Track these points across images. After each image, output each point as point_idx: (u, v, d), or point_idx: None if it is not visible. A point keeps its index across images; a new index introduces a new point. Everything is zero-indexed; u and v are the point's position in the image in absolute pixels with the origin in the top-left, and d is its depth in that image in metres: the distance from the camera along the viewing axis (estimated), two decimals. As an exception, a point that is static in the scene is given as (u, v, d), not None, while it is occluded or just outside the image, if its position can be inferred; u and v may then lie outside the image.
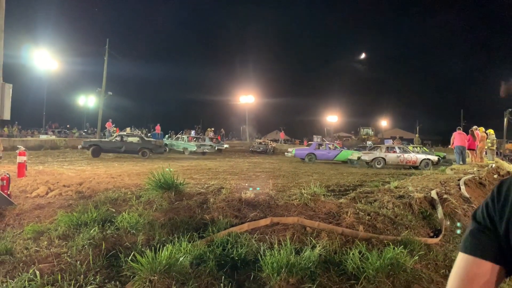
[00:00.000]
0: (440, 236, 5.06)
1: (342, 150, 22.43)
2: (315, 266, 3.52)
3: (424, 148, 22.75)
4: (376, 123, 58.32)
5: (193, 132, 37.05)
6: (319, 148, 22.14)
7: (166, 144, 28.25)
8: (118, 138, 19.47)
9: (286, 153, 23.80)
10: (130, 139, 19.73)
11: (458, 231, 5.45)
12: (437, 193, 6.47)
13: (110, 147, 18.91)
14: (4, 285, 3.10)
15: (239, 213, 4.67)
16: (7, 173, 5.74)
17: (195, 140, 27.57)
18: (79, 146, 19.43)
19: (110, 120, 34.21)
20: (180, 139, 27.77)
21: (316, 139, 38.81)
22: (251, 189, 5.60)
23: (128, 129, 36.70)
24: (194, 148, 24.83)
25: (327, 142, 24.83)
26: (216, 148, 26.92)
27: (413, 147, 22.23)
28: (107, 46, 34.37)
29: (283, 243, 3.75)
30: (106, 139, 20.17)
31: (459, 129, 15.40)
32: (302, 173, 13.37)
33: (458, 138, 14.87)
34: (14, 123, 38.29)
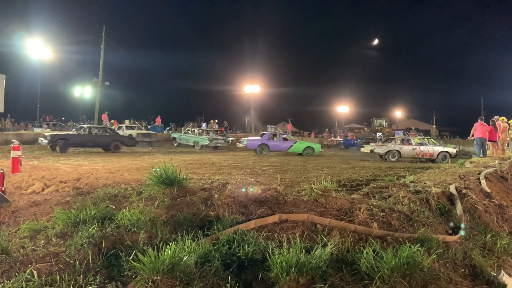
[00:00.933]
0: (459, 234, 5.05)
1: (296, 142, 22.62)
2: (327, 266, 3.53)
3: (431, 139, 22.38)
4: (390, 113, 57.98)
5: (204, 124, 36.76)
6: (273, 139, 22.03)
7: (174, 138, 27.94)
8: (86, 131, 18.90)
9: (237, 143, 23.41)
10: (95, 131, 19.29)
11: (479, 228, 5.44)
12: (456, 188, 6.45)
13: (80, 141, 18.39)
14: (0, 285, 3.14)
15: (245, 210, 4.69)
16: (1, 169, 5.79)
17: (206, 133, 27.05)
18: (41, 140, 18.39)
19: (106, 112, 34.23)
20: (190, 132, 27.04)
21: (270, 129, 38.34)
22: (257, 184, 5.61)
23: (127, 122, 36.70)
24: (206, 142, 24.33)
25: (281, 133, 24.72)
26: (229, 142, 26.50)
27: (419, 138, 21.76)
28: (104, 34, 34.40)
29: (292, 241, 3.76)
30: (74, 132, 19.15)
31: (481, 119, 15.24)
32: (312, 167, 13.37)
33: (479, 129, 14.77)
34: (7, 116, 38.54)
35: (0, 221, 4.71)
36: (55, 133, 19.96)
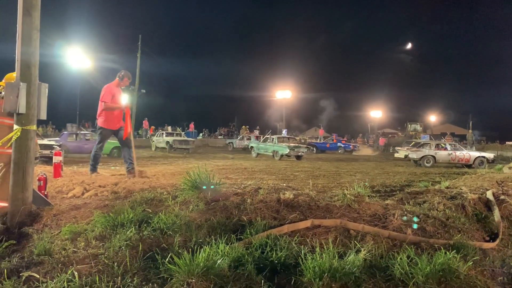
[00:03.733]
0: (497, 241, 4.90)
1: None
2: (360, 271, 3.49)
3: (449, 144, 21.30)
4: (425, 118, 56.64)
5: (284, 131, 36.09)
6: (76, 139, 20.22)
7: (252, 147, 25.74)
8: None
9: None
10: None
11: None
12: (493, 194, 6.25)
13: None
14: (44, 285, 3.27)
15: (277, 215, 4.69)
16: (44, 174, 6.01)
17: (286, 141, 24.41)
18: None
19: (146, 118, 35.02)
20: (268, 140, 24.48)
21: (71, 128, 34.43)
22: (289, 189, 5.61)
23: (169, 128, 37.04)
24: (286, 151, 21.55)
25: (83, 132, 22.60)
26: (314, 151, 25.12)
27: (437, 144, 20.59)
28: (140, 43, 35.28)
29: (325, 247, 3.74)
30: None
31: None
32: (344, 172, 13.25)
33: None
34: (48, 123, 39.97)
35: (43, 224, 4.89)
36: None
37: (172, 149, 25.92)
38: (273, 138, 24.16)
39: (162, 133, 29.69)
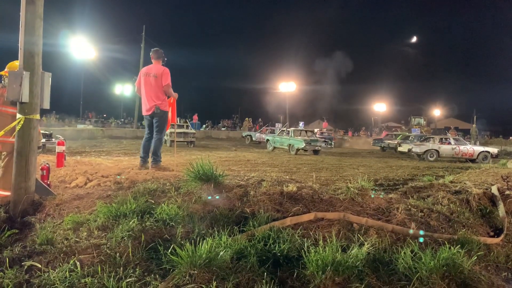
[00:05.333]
0: (502, 236, 4.87)
1: None
2: (363, 265, 3.47)
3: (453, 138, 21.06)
4: (429, 112, 56.39)
5: (301, 124, 33.78)
6: None
7: (268, 140, 24.34)
8: None
9: None
10: None
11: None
12: (498, 189, 6.20)
13: None
14: (46, 275, 3.26)
15: (280, 207, 4.67)
16: (47, 163, 6.01)
17: (304, 134, 22.66)
18: None
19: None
20: (285, 134, 22.91)
21: None
22: (292, 182, 5.58)
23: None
24: (302, 145, 20.02)
25: None
26: (332, 145, 22.97)
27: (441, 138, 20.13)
28: (144, 33, 35.19)
29: (328, 240, 3.73)
30: None
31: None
32: (347, 166, 13.22)
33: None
34: (52, 112, 40.04)
35: (46, 213, 4.89)
36: None
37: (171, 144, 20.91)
38: (288, 131, 22.57)
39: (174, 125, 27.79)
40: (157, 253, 3.58)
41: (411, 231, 4.31)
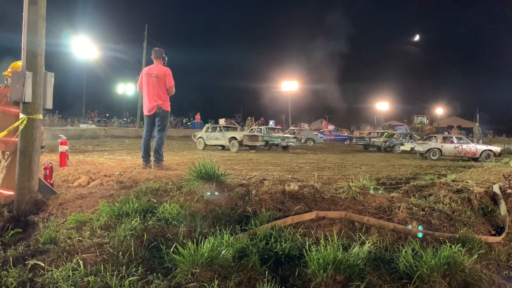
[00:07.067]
0: (503, 235, 4.88)
1: None
2: (364, 264, 3.49)
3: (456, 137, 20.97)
4: (432, 111, 56.25)
5: (271, 122, 33.51)
6: None
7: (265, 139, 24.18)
8: None
9: None
10: None
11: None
12: (500, 188, 6.21)
13: None
14: (49, 273, 3.29)
15: (282, 206, 4.69)
16: (50, 163, 6.03)
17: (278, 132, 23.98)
18: None
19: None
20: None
21: None
22: (294, 181, 5.60)
23: (222, 121, 34.75)
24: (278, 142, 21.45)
25: None
26: (314, 142, 24.30)
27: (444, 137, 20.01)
28: (146, 33, 35.22)
29: (329, 239, 3.74)
30: None
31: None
32: (350, 164, 13.21)
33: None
34: (55, 112, 40.13)
35: (49, 212, 4.91)
36: None
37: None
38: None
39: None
40: (159, 252, 3.61)
41: (410, 227, 4.32)
